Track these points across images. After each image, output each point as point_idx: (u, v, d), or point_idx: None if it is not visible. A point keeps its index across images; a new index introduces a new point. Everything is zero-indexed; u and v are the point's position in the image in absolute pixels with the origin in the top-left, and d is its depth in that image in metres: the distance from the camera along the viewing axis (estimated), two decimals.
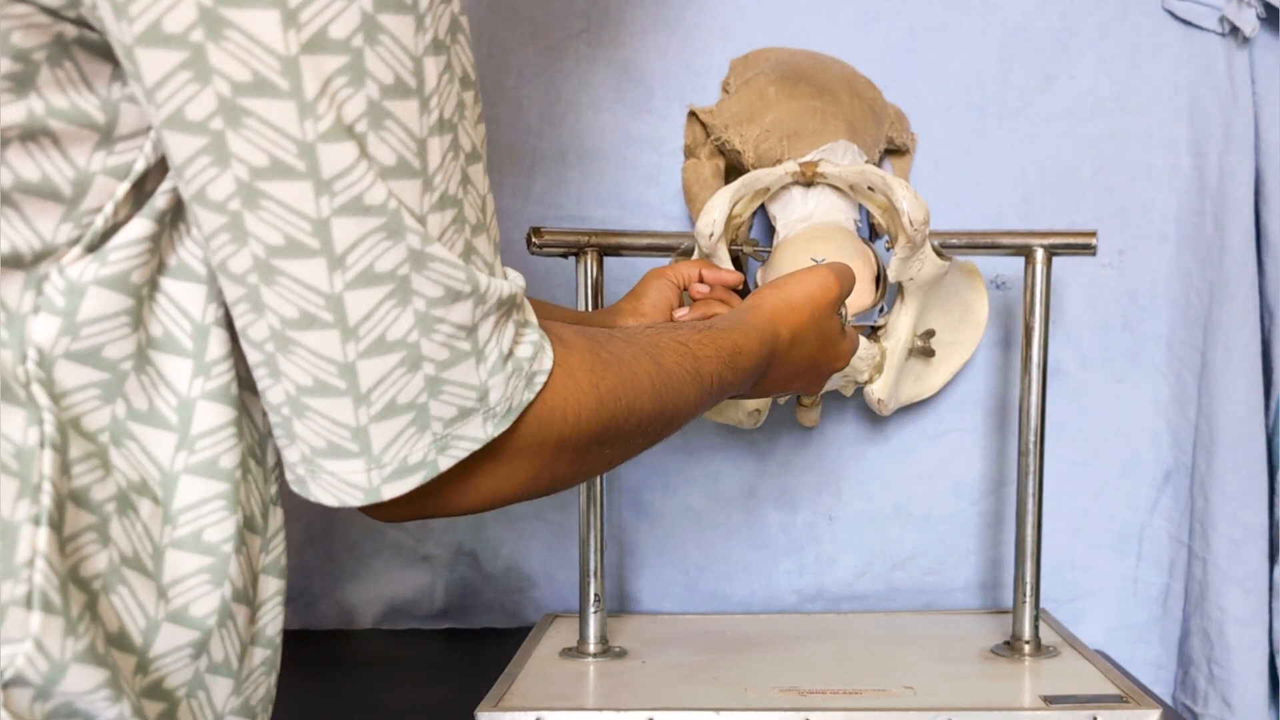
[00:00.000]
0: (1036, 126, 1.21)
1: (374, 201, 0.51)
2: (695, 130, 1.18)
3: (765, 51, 1.18)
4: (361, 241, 0.51)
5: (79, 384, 0.54)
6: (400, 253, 0.52)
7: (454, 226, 0.54)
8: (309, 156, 0.50)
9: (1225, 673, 1.19)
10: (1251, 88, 1.18)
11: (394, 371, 0.53)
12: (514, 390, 0.57)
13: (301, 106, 0.49)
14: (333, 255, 0.51)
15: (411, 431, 0.54)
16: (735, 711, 0.94)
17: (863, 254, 1.02)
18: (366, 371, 0.53)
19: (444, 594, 1.27)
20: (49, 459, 0.51)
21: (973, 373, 1.23)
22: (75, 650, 0.51)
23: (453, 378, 0.54)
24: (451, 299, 0.54)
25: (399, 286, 0.52)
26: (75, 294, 0.53)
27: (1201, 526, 1.21)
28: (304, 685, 1.13)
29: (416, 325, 0.53)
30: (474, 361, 0.55)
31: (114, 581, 0.54)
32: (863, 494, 1.24)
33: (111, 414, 0.55)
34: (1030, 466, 1.06)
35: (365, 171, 0.51)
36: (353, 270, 0.51)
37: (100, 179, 0.53)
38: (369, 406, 0.53)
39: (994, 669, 1.04)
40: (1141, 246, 1.21)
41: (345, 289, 0.51)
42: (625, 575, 1.26)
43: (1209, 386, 1.20)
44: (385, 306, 0.52)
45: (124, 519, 0.54)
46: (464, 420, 0.55)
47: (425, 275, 0.53)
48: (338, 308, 0.52)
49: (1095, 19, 1.20)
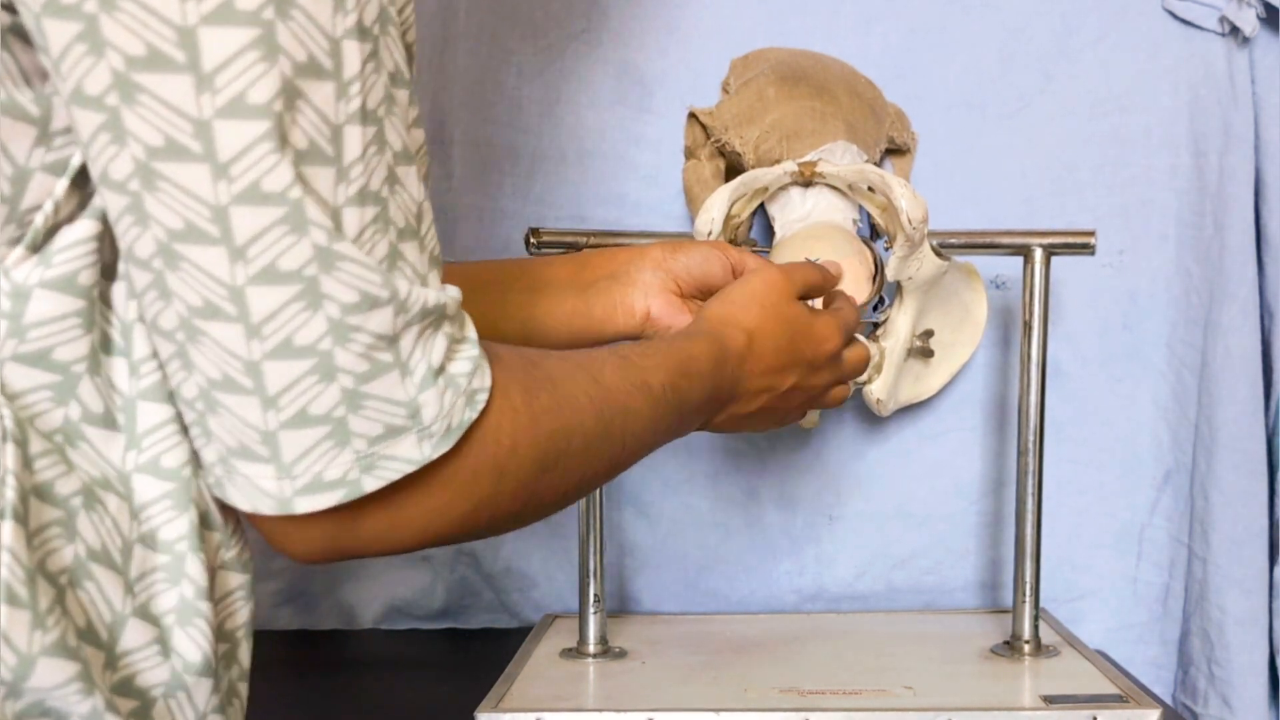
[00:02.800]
0: (1036, 126, 1.21)
1: (273, 189, 0.48)
2: (695, 131, 1.18)
3: (765, 52, 1.18)
4: (264, 234, 0.48)
5: (29, 386, 0.53)
6: (305, 250, 0.49)
7: (375, 226, 0.51)
8: (204, 136, 0.47)
9: (1225, 673, 1.19)
10: (1251, 88, 1.18)
11: (304, 379, 0.50)
12: (452, 408, 0.53)
13: (198, 81, 0.47)
14: (233, 245, 0.48)
15: (328, 445, 0.51)
16: (735, 711, 0.94)
17: (859, 253, 1.02)
18: (273, 374, 0.50)
19: (444, 594, 1.27)
20: (10, 452, 0.50)
21: (972, 373, 1.23)
22: (44, 643, 0.50)
23: (375, 392, 0.51)
24: (369, 305, 0.50)
25: (307, 288, 0.49)
26: (21, 297, 0.52)
27: (1201, 526, 1.21)
28: (304, 685, 1.13)
29: (329, 333, 0.50)
30: (398, 375, 0.52)
31: (80, 576, 0.53)
32: (863, 494, 1.24)
33: (65, 416, 0.53)
34: (1030, 466, 1.06)
35: (268, 153, 0.48)
36: (255, 264, 0.49)
37: (39, 175, 0.52)
38: (278, 411, 0.50)
39: (994, 669, 1.04)
40: (1141, 246, 1.21)
41: (248, 283, 0.49)
42: (625, 575, 1.26)
43: (1209, 386, 1.20)
44: (293, 308, 0.49)
45: (92, 513, 0.53)
46: (394, 439, 0.52)
47: (335, 277, 0.50)
48: (240, 301, 0.49)
49: (1095, 19, 1.20)
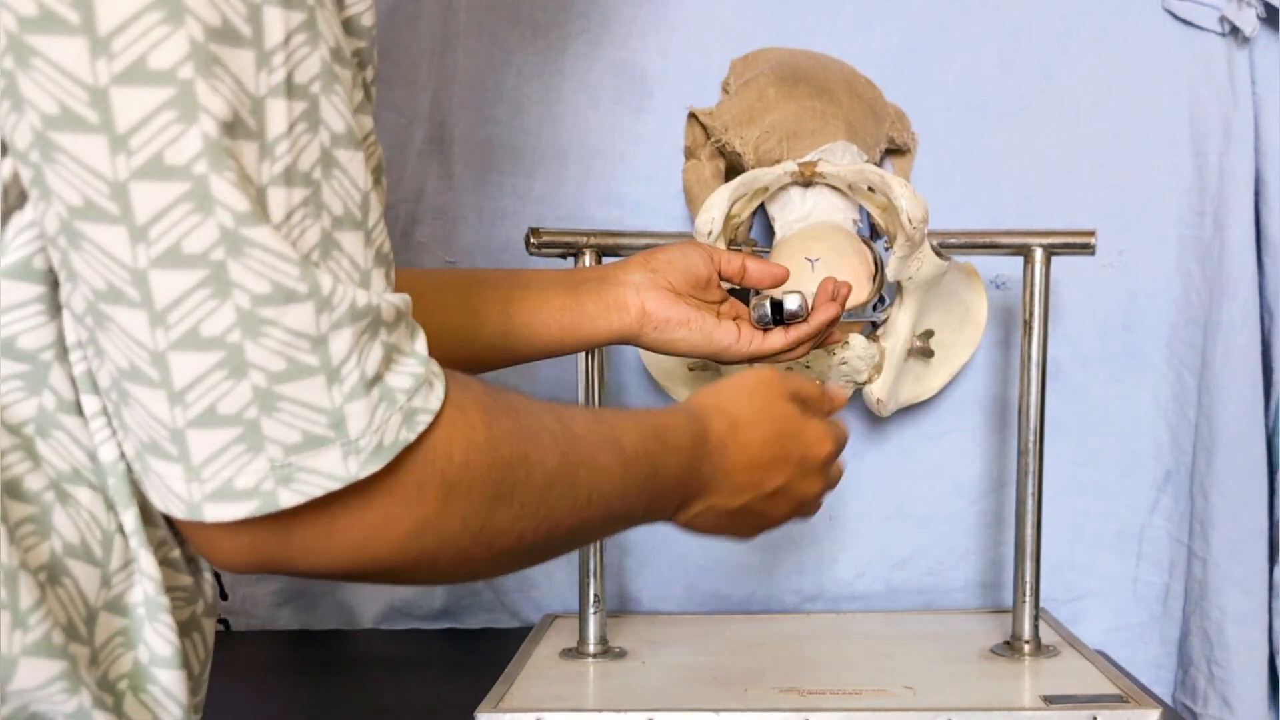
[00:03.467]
0: (1036, 126, 1.21)
1: (176, 162, 0.45)
2: (695, 132, 1.18)
3: (765, 52, 1.18)
4: (165, 213, 0.45)
5: (2, 375, 0.51)
6: (210, 231, 0.45)
7: (305, 210, 0.48)
8: (101, 105, 0.44)
9: (1225, 673, 1.19)
10: (1251, 88, 1.18)
11: (213, 373, 0.47)
12: (384, 424, 0.49)
13: (93, 44, 0.44)
14: (133, 224, 0.45)
15: (239, 450, 0.47)
16: (735, 711, 0.94)
17: (859, 252, 1.02)
18: (180, 366, 0.46)
19: (444, 594, 1.27)
20: None
21: (972, 373, 1.23)
22: (25, 643, 0.49)
23: (292, 395, 0.47)
24: (283, 298, 0.47)
25: (213, 274, 0.46)
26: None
27: (1201, 526, 1.21)
28: (304, 685, 1.13)
29: (238, 324, 0.46)
30: (324, 380, 0.48)
31: (59, 572, 0.51)
32: (863, 494, 1.24)
33: (39, 405, 0.51)
34: (1030, 466, 1.06)
35: (171, 123, 0.45)
36: (157, 246, 0.45)
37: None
38: (185, 407, 0.47)
39: (994, 669, 1.04)
40: (1141, 246, 1.21)
41: (150, 266, 0.46)
42: (625, 575, 1.26)
43: (1209, 386, 1.20)
44: (199, 295, 0.46)
45: (67, 508, 0.52)
46: (314, 450, 0.48)
47: (245, 264, 0.46)
48: (143, 285, 0.46)
49: (1095, 19, 1.20)
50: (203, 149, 0.45)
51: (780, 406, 0.75)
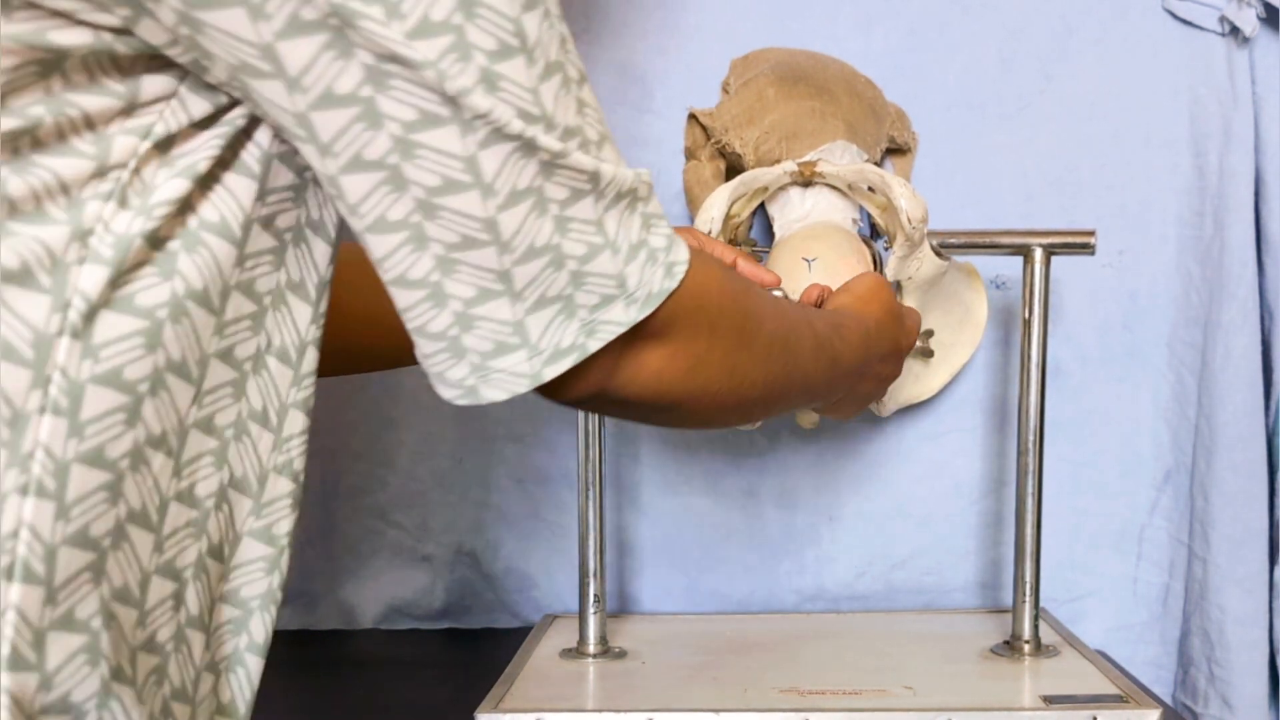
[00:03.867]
0: (1036, 126, 1.21)
1: (512, 130, 0.56)
2: (695, 132, 1.18)
3: (765, 52, 1.18)
4: (504, 167, 0.56)
5: (118, 334, 0.55)
6: (533, 168, 0.56)
7: (582, 118, 0.59)
8: (453, 104, 0.54)
9: (1225, 672, 1.19)
10: (1251, 88, 1.18)
11: (544, 271, 0.58)
12: (650, 277, 0.61)
13: (439, 73, 0.53)
14: (484, 185, 0.56)
15: (561, 319, 0.59)
16: (735, 712, 0.94)
17: (858, 252, 1.02)
18: (520, 274, 0.58)
19: (444, 594, 1.27)
20: (48, 426, 0.52)
21: (972, 373, 1.23)
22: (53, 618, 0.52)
23: (593, 270, 0.59)
24: (576, 198, 0.58)
25: (538, 198, 0.57)
26: (122, 246, 0.55)
27: (1201, 526, 1.21)
28: (304, 685, 1.13)
29: (556, 229, 0.58)
30: (609, 253, 0.59)
31: (119, 538, 0.55)
32: (863, 494, 1.24)
33: (153, 364, 0.56)
34: (1030, 466, 1.06)
35: (502, 112, 0.55)
36: (500, 195, 0.56)
37: (120, 139, 0.55)
38: (523, 301, 0.58)
39: (994, 669, 1.04)
40: (1141, 246, 1.21)
41: (498, 211, 0.56)
42: (625, 575, 1.26)
43: (1209, 386, 1.20)
44: (531, 219, 0.57)
45: (136, 474, 0.56)
46: (606, 306, 0.60)
47: (555, 182, 0.57)
48: (493, 228, 0.57)
49: (1095, 19, 1.20)
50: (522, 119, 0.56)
51: (894, 303, 0.91)
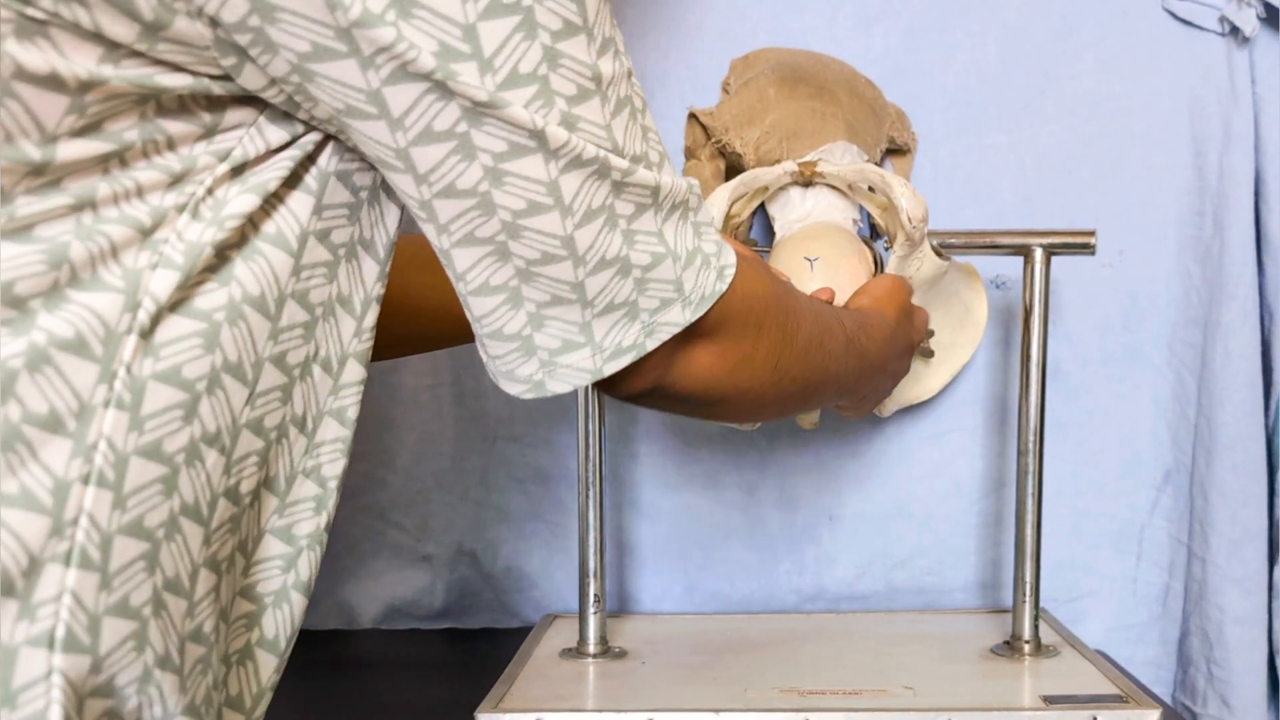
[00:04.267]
0: (1036, 126, 1.21)
1: (588, 156, 0.60)
2: (695, 132, 1.18)
3: (765, 52, 1.18)
4: (581, 189, 0.60)
5: (179, 334, 0.57)
6: (606, 188, 0.61)
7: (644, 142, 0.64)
8: (540, 138, 0.58)
9: (1225, 672, 1.19)
10: (1251, 88, 1.18)
11: (612, 280, 0.63)
12: (705, 281, 0.65)
13: (527, 116, 0.57)
14: (564, 206, 0.60)
15: (625, 322, 0.64)
16: (735, 712, 0.94)
17: (859, 252, 1.02)
18: (592, 284, 0.62)
19: (444, 594, 1.27)
20: (111, 419, 0.54)
21: (972, 373, 1.23)
22: (108, 603, 0.53)
23: (655, 276, 0.64)
24: (640, 211, 0.63)
25: (609, 215, 0.62)
26: (193, 254, 0.57)
27: (1201, 526, 1.21)
28: (304, 685, 1.13)
29: (624, 242, 0.62)
30: (670, 261, 0.64)
31: (172, 530, 0.57)
32: (863, 494, 1.24)
33: (211, 364, 0.58)
34: (1030, 466, 1.06)
35: (580, 142, 0.60)
36: (578, 214, 0.60)
37: (201, 159, 0.58)
38: (593, 308, 0.63)
39: (994, 669, 1.04)
40: (1141, 246, 1.21)
41: (575, 229, 0.61)
42: (625, 575, 1.26)
43: (1209, 386, 1.20)
44: (602, 234, 0.62)
45: (191, 469, 0.58)
46: (666, 309, 0.65)
47: (623, 199, 0.62)
48: (570, 245, 0.61)
49: (1095, 19, 1.20)
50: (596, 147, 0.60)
51: (909, 303, 0.96)
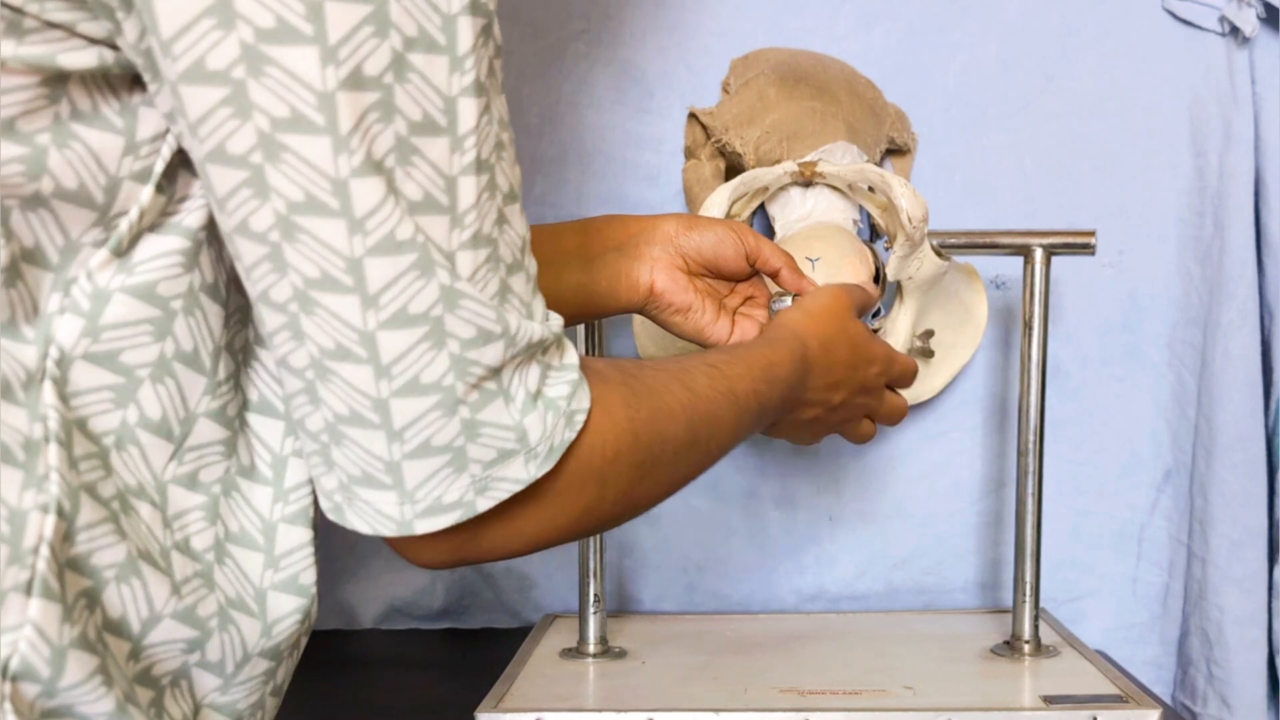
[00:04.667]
0: (1036, 126, 1.21)
1: (404, 237, 0.52)
2: (695, 132, 1.18)
3: (765, 52, 1.18)
4: (395, 282, 0.52)
5: (93, 385, 0.55)
6: (433, 292, 0.52)
7: (488, 266, 0.54)
8: (342, 193, 0.51)
9: (1224, 672, 1.19)
10: (1251, 88, 1.18)
11: (429, 414, 0.54)
12: (554, 429, 0.57)
13: (336, 142, 0.50)
14: (366, 294, 0.52)
15: (447, 472, 0.55)
16: (735, 712, 0.94)
17: (860, 253, 1.02)
18: (400, 410, 0.53)
19: (444, 594, 1.27)
20: (54, 452, 0.53)
21: (972, 373, 1.23)
22: (71, 636, 0.52)
23: (487, 419, 0.55)
24: (484, 340, 0.54)
25: (433, 329, 0.53)
26: (100, 299, 0.54)
27: (1201, 526, 1.21)
28: (304, 685, 1.13)
29: (452, 369, 0.53)
30: (503, 402, 0.55)
31: (127, 573, 0.55)
32: (863, 494, 1.24)
33: (122, 419, 0.56)
34: (1030, 466, 1.06)
35: (394, 208, 0.51)
36: (386, 310, 0.52)
37: (127, 184, 0.54)
38: (402, 444, 0.54)
39: (994, 669, 1.04)
40: (1141, 246, 1.21)
41: (379, 328, 0.52)
42: (625, 575, 1.26)
43: (1209, 386, 1.20)
44: (420, 349, 0.53)
45: (128, 517, 0.56)
46: (504, 462, 0.56)
47: (458, 315, 0.53)
48: (370, 345, 0.52)
49: (1095, 19, 1.20)
50: (415, 226, 0.52)
51: (853, 325, 0.84)
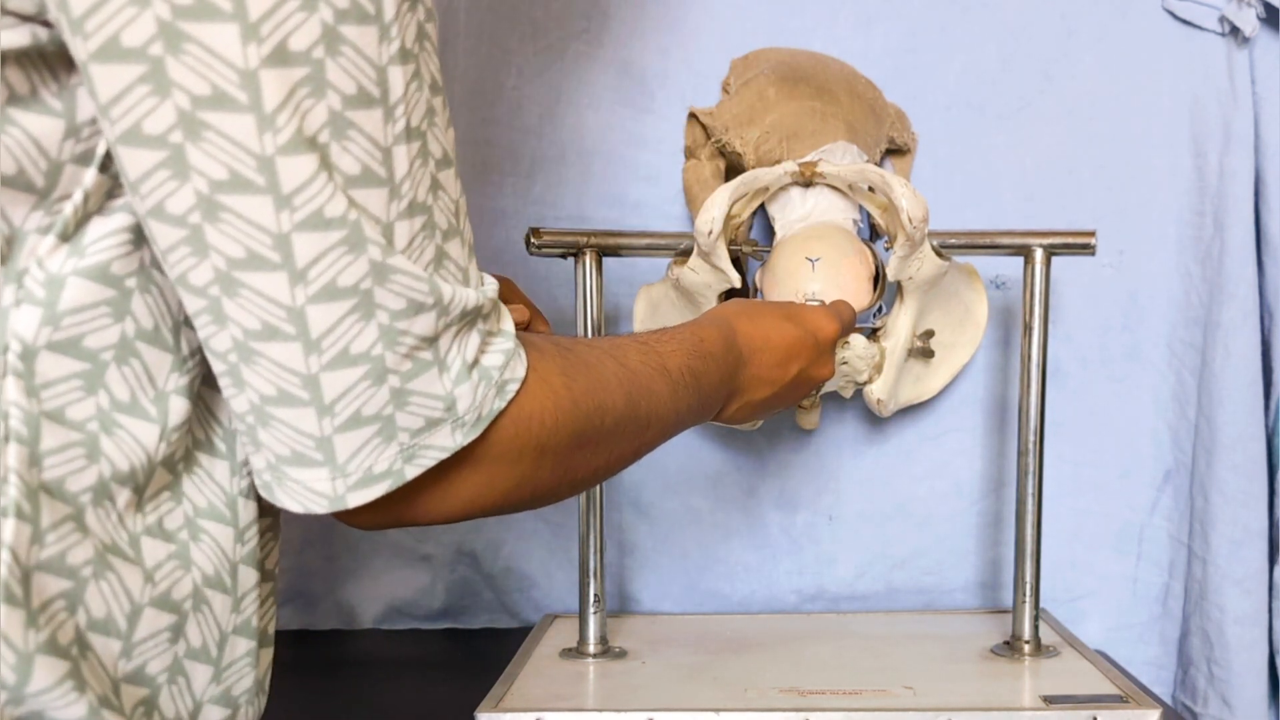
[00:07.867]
0: (1036, 126, 1.21)
1: (334, 214, 0.51)
2: (695, 131, 1.18)
3: (765, 52, 1.18)
4: (323, 256, 0.51)
5: (62, 374, 0.54)
6: (362, 266, 0.52)
7: (424, 233, 0.54)
8: (268, 170, 0.50)
9: (1225, 672, 1.19)
10: (1251, 88, 1.18)
11: (359, 384, 0.53)
12: (483, 399, 0.57)
13: (260, 120, 0.49)
14: (294, 270, 0.51)
15: (377, 442, 0.54)
16: (735, 711, 0.94)
17: (860, 253, 1.02)
18: (330, 384, 0.53)
19: (444, 594, 1.27)
20: (14, 452, 0.52)
21: (972, 373, 1.23)
22: (38, 642, 0.52)
23: (417, 388, 0.55)
24: (414, 311, 0.54)
25: (362, 300, 0.52)
26: (55, 285, 0.53)
27: (1201, 526, 1.21)
28: (304, 685, 1.13)
29: (380, 339, 0.53)
30: (436, 371, 0.55)
31: (101, 568, 0.55)
32: (863, 494, 1.24)
33: (96, 404, 0.55)
34: (1030, 466, 1.06)
35: (325, 183, 0.51)
36: (315, 285, 0.51)
37: (69, 167, 0.53)
38: (333, 418, 0.53)
39: (994, 669, 1.04)
40: (1141, 246, 1.21)
41: (307, 303, 0.51)
42: (625, 575, 1.26)
43: (1209, 386, 1.20)
44: (349, 321, 0.52)
45: (98, 508, 0.55)
46: (431, 430, 0.55)
47: (388, 288, 0.53)
48: (300, 321, 0.52)
49: (1095, 19, 1.20)
50: (349, 201, 0.52)
51: (786, 305, 0.87)
